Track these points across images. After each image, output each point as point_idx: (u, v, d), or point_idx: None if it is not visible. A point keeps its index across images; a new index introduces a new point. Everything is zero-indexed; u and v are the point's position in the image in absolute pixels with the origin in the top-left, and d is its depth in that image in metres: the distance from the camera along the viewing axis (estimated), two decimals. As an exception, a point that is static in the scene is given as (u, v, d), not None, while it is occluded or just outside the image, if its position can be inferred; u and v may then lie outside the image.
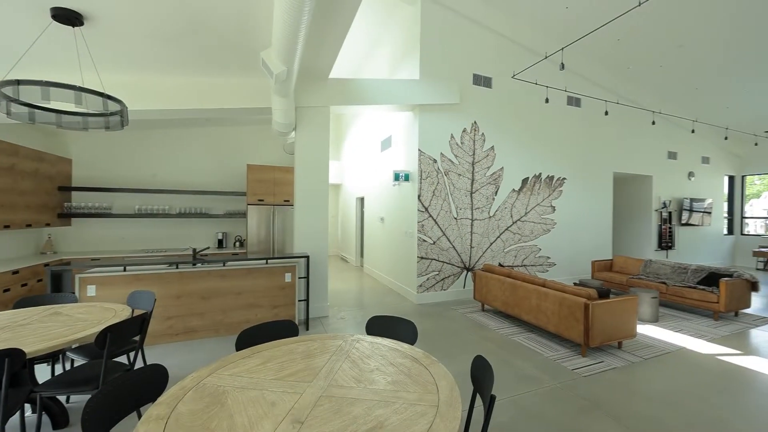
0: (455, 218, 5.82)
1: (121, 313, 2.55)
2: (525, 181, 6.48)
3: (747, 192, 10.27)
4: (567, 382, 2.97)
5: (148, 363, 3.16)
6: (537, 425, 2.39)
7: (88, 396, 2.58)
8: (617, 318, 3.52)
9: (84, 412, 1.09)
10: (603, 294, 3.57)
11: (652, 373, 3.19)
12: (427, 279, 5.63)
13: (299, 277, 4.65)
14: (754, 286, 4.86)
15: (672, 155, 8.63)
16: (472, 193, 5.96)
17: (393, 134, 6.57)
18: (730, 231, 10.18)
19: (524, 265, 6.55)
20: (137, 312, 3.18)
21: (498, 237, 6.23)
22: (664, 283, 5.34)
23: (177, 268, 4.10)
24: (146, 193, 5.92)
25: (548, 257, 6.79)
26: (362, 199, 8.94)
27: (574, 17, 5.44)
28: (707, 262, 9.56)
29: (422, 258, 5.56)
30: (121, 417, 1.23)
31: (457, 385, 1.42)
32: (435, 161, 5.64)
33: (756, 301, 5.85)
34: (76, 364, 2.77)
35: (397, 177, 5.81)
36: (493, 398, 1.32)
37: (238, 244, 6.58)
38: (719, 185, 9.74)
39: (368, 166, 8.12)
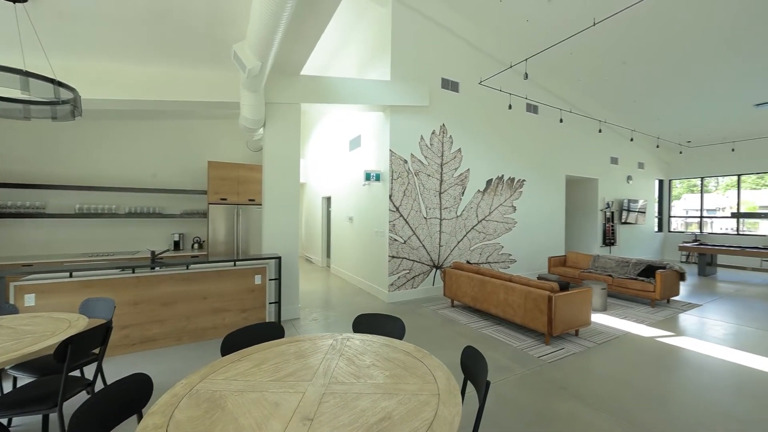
0: (425, 218, 5.98)
1: (76, 323, 2.31)
2: (489, 182, 6.82)
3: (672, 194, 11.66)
4: (535, 369, 3.20)
5: (105, 377, 2.90)
6: (512, 410, 2.55)
7: (39, 417, 2.31)
8: (575, 308, 3.85)
9: (69, 428, 0.99)
10: (563, 287, 3.88)
11: (605, 356, 3.53)
12: (398, 278, 5.71)
13: (269, 279, 4.51)
14: (681, 276, 5.54)
15: (614, 160, 9.55)
16: (440, 193, 6.15)
17: (362, 134, 6.58)
18: (660, 228, 11.50)
19: (488, 263, 6.89)
20: (93, 322, 2.90)
21: (465, 236, 6.49)
22: (610, 275, 5.90)
23: (133, 272, 3.78)
24: (89, 191, 5.39)
25: (510, 254, 7.20)
26: (329, 199, 8.84)
27: (534, 30, 5.83)
28: (643, 256, 10.70)
29: (393, 257, 5.64)
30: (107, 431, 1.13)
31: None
32: (406, 162, 5.75)
33: (683, 289, 6.68)
34: (20, 383, 2.46)
35: (368, 177, 5.84)
36: (488, 384, 1.40)
37: (196, 245, 6.21)
38: (651, 188, 10.95)
39: (335, 166, 8.05)
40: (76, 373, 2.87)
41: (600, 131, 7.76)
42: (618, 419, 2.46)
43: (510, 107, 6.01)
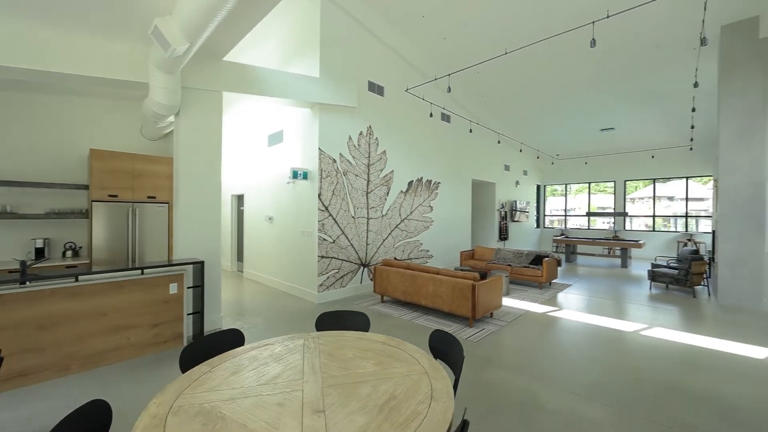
0: (353, 217, 6.07)
1: (-74, 358, 1.70)
2: (410, 183, 7.31)
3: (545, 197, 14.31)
4: (465, 349, 3.61)
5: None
6: (453, 387, 2.86)
7: None
8: (491, 294, 4.47)
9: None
10: (483, 276, 4.46)
11: (514, 331, 4.20)
12: (327, 278, 5.67)
13: (187, 287, 4.00)
14: (558, 263, 6.90)
15: (507, 167, 11.25)
16: (367, 193, 6.34)
17: (285, 129, 6.32)
18: (538, 225, 13.97)
19: (410, 259, 7.37)
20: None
21: (389, 234, 6.82)
22: (509, 265, 6.97)
23: (-7, 289, 2.92)
24: None
25: (428, 250, 7.84)
26: (240, 197, 8.18)
27: (452, 47, 6.51)
28: (528, 248, 12.85)
29: (322, 257, 5.58)
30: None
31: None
32: (335, 161, 5.75)
33: (559, 273, 8.29)
34: None
35: (295, 175, 5.64)
36: (463, 359, 1.59)
37: (70, 253, 5.08)
38: (532, 191, 13.22)
39: (250, 161, 7.51)
40: None
41: (499, 142, 9.07)
42: (531, 377, 3.00)
43: (431, 116, 6.56)
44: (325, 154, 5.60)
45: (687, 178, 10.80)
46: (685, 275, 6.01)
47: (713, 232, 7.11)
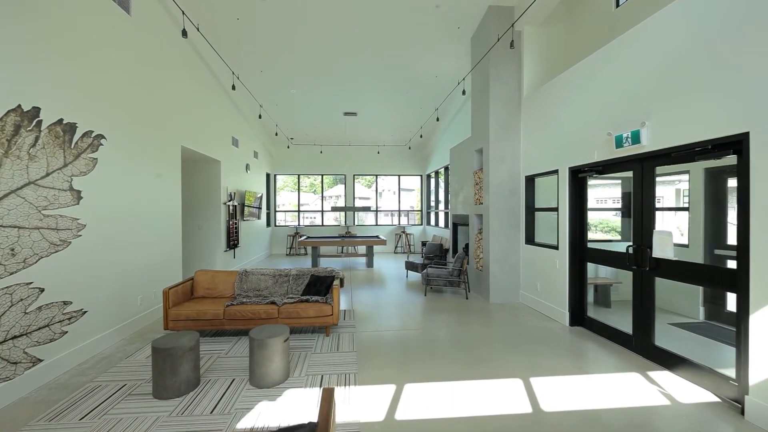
0: None
1: None
2: (-21, 113, 2.37)
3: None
4: None
5: None
6: None
7: None
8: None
9: None
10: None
11: None
12: None
13: None
14: (342, 282, 4.59)
15: (235, 142, 7.71)
16: None
17: None
18: (269, 224, 11.33)
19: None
20: None
21: None
22: (273, 303, 3.83)
23: None
24: None
25: (68, 302, 3.09)
26: None
27: None
28: (259, 254, 9.89)
29: None
30: None
31: None
32: None
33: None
34: None
35: None
36: None
37: None
38: (263, 181, 10.35)
39: None
40: None
41: (234, 88, 5.48)
42: None
43: None
44: None
45: (399, 176, 12.09)
46: (458, 275, 5.53)
47: (455, 225, 7.50)
